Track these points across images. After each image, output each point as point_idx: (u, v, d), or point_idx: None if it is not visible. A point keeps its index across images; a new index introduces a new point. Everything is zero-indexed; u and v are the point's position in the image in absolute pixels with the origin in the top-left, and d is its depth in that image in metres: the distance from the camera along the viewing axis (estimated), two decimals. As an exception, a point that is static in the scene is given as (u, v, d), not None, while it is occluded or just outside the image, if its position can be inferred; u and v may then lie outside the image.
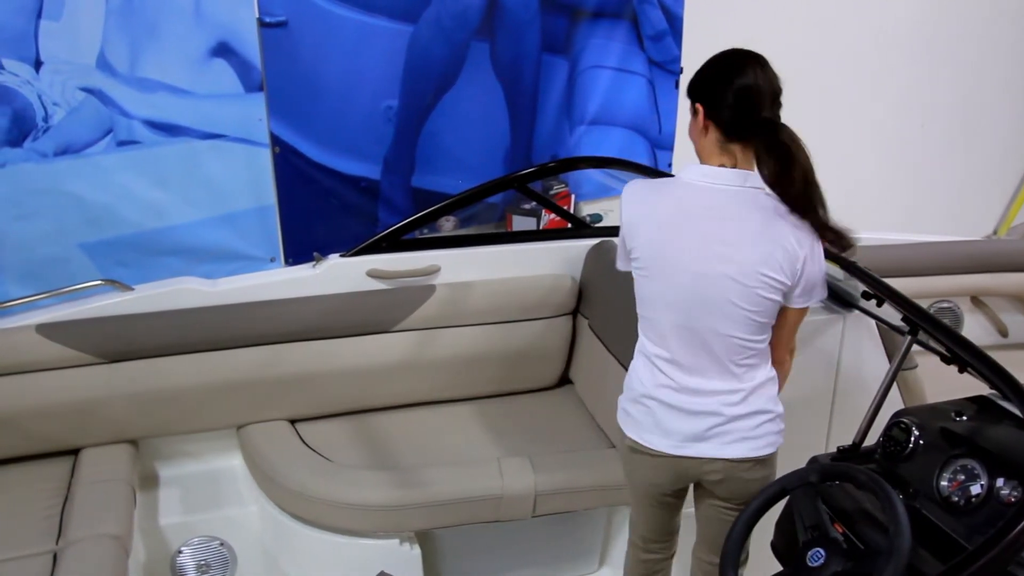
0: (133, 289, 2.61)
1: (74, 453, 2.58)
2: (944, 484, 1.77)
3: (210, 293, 2.62)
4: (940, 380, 2.21)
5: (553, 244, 2.93)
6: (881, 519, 1.78)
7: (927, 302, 3.29)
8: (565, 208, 3.56)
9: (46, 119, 2.87)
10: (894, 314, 2.19)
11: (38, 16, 2.77)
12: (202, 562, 2.69)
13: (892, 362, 2.16)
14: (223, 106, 3.09)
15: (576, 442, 2.69)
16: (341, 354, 2.69)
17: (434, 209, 2.82)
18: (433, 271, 2.79)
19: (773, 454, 1.95)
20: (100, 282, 2.63)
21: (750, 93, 1.76)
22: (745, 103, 1.77)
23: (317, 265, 2.74)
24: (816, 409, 2.51)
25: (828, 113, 4.16)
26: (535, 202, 3.41)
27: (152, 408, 2.58)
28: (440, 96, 3.49)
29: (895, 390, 2.36)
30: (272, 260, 3.33)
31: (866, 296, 2.25)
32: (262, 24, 3.05)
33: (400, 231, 2.79)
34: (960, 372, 2.01)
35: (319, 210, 3.38)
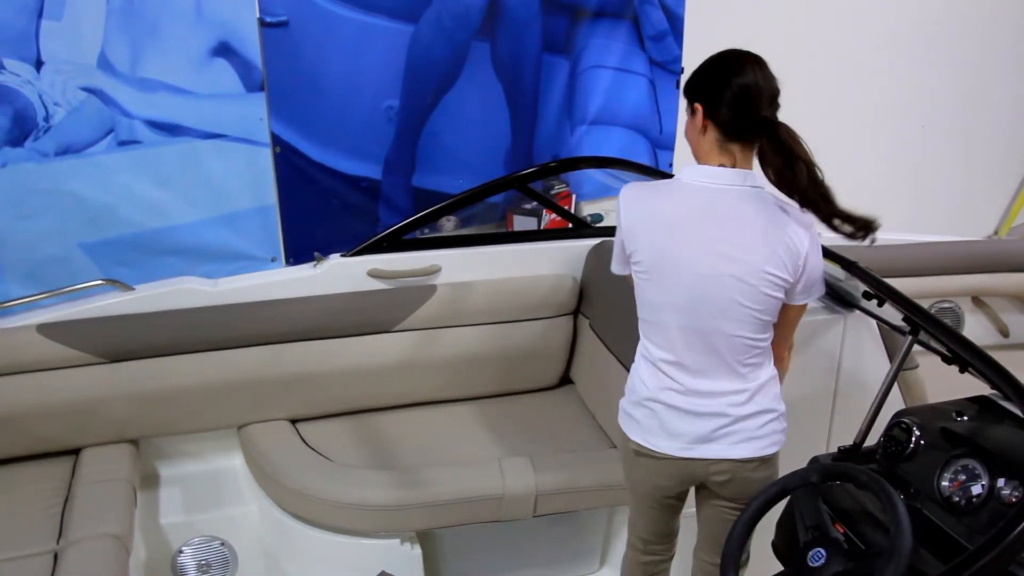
0: (134, 289, 2.61)
1: (75, 453, 2.58)
2: (945, 484, 1.76)
3: (211, 293, 2.62)
4: (941, 380, 2.21)
5: (554, 244, 2.93)
6: (882, 519, 1.78)
7: (928, 302, 3.28)
8: (566, 208, 3.56)
9: (47, 119, 2.87)
10: (895, 314, 2.18)
11: (39, 16, 2.77)
12: (203, 562, 2.69)
13: (893, 362, 2.16)
14: (224, 106, 3.09)
15: (577, 442, 2.69)
16: (342, 354, 2.69)
17: (435, 209, 2.82)
18: (434, 271, 2.79)
19: (776, 453, 1.95)
20: (101, 282, 2.63)
21: (749, 92, 1.76)
22: (745, 102, 1.76)
23: (318, 265, 2.74)
24: (817, 409, 2.51)
25: (829, 113, 4.16)
26: (536, 202, 3.41)
27: (153, 408, 2.58)
28: (441, 96, 3.49)
29: (896, 390, 2.36)
30: (273, 260, 3.33)
31: (867, 296, 2.25)
32: (263, 24, 3.05)
33: (401, 231, 2.79)
34: (961, 372, 2.01)
35: (320, 210, 3.38)
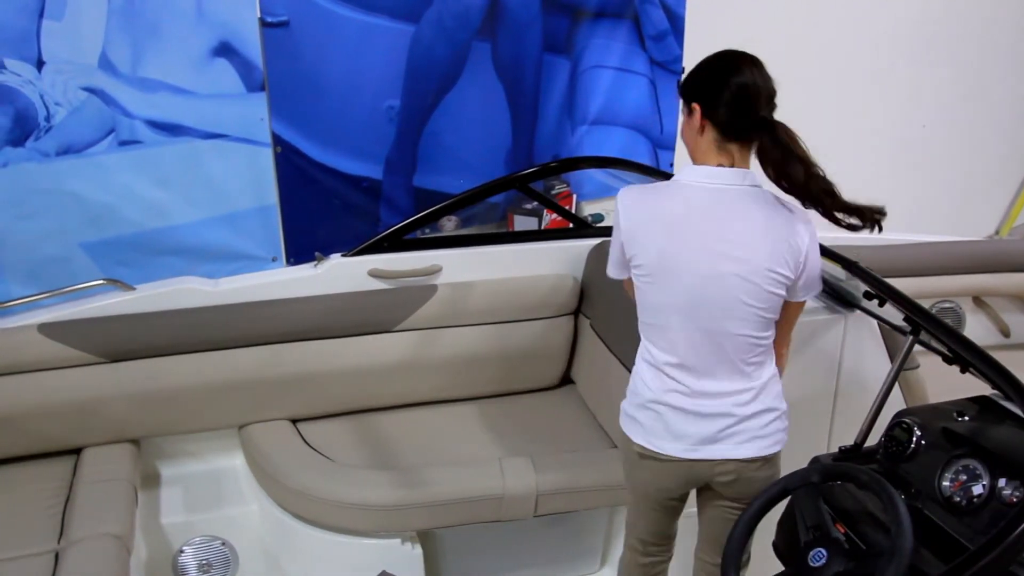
0: (135, 289, 2.61)
1: (76, 452, 2.58)
2: (946, 484, 1.76)
3: (212, 293, 2.62)
4: (942, 380, 2.21)
5: (555, 244, 2.92)
6: (883, 519, 1.78)
7: (929, 302, 3.28)
8: (567, 208, 3.56)
9: (48, 119, 2.87)
10: (896, 314, 2.18)
11: (40, 16, 2.77)
12: (204, 561, 2.69)
13: (894, 362, 2.16)
14: (225, 106, 3.09)
15: (578, 442, 2.69)
16: (343, 354, 2.69)
17: (436, 209, 2.82)
18: (435, 271, 2.79)
19: (779, 452, 1.96)
20: (102, 282, 2.64)
21: (748, 92, 1.77)
22: (743, 102, 1.77)
23: (319, 265, 2.74)
24: (818, 409, 2.50)
25: (830, 113, 4.16)
26: (537, 202, 3.41)
27: (154, 408, 2.58)
28: (442, 96, 3.49)
29: (897, 390, 2.36)
30: (274, 260, 3.33)
31: (868, 296, 2.25)
32: (264, 24, 3.05)
33: (402, 231, 2.79)
34: (962, 372, 2.01)
35: (321, 210, 3.38)
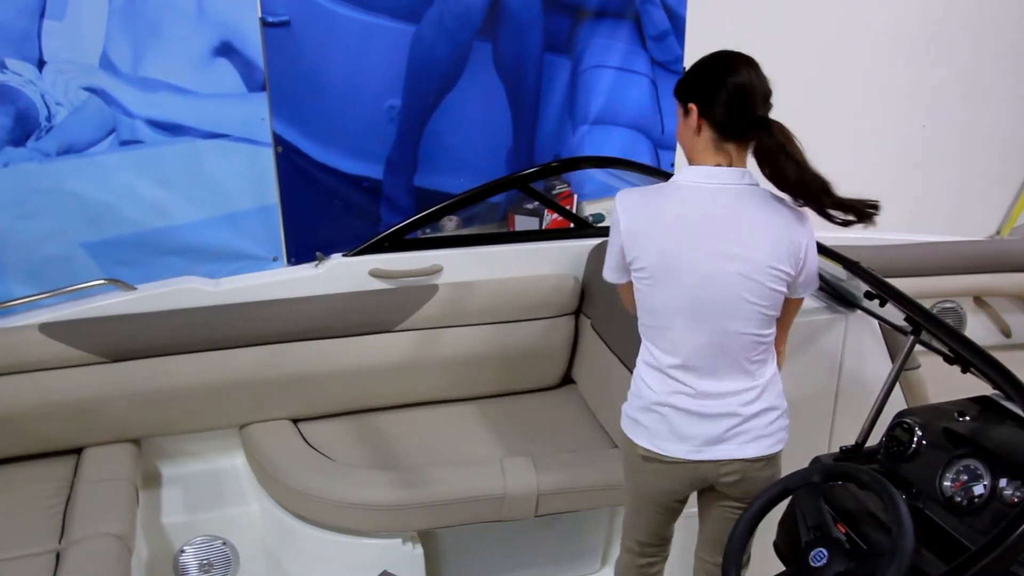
0: (136, 288, 2.61)
1: (77, 452, 2.59)
2: (947, 484, 1.76)
3: (213, 293, 2.63)
4: (943, 380, 2.21)
5: (555, 244, 2.93)
6: (884, 519, 1.78)
7: (930, 302, 3.28)
8: (568, 208, 3.56)
9: (49, 119, 2.87)
10: (897, 314, 2.18)
11: (41, 16, 2.77)
12: (204, 561, 2.69)
13: (895, 362, 2.16)
14: (226, 106, 3.09)
15: (578, 442, 2.69)
16: (343, 354, 2.69)
17: (436, 209, 2.83)
18: (435, 271, 2.79)
19: (780, 452, 1.96)
20: (103, 281, 2.64)
21: (744, 92, 1.78)
22: (740, 102, 1.78)
23: (319, 265, 2.74)
24: (819, 409, 2.50)
25: (830, 113, 4.16)
26: (537, 202, 3.41)
27: (155, 407, 2.58)
28: (443, 96, 3.49)
29: (898, 390, 2.36)
30: (275, 260, 3.33)
31: (869, 296, 2.25)
32: (265, 24, 3.05)
33: (402, 231, 2.79)
34: (963, 372, 2.01)
35: (321, 210, 3.38)
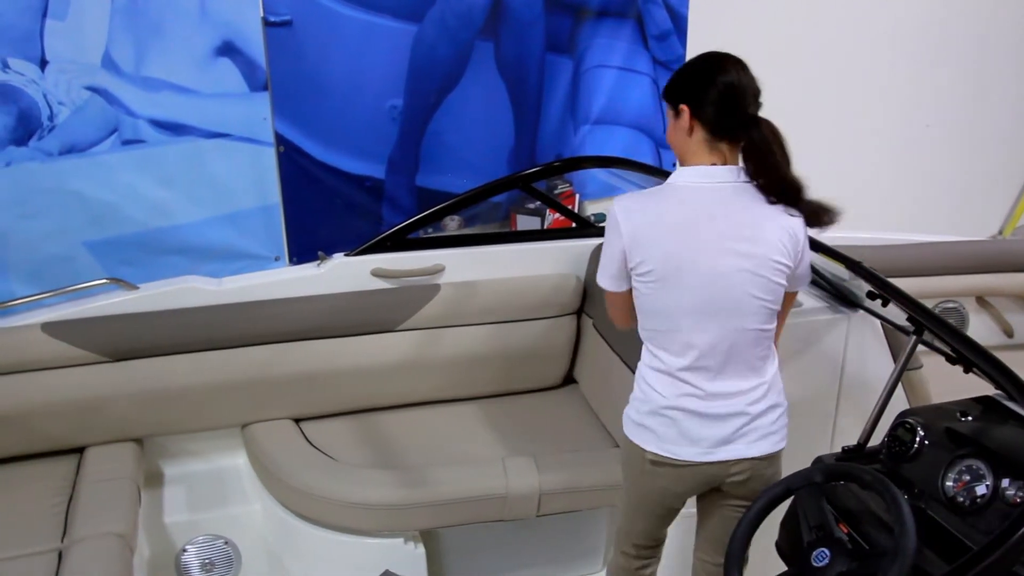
0: (138, 288, 2.61)
1: (79, 451, 2.59)
2: (949, 484, 1.76)
3: (215, 292, 2.63)
4: (945, 380, 2.21)
5: (557, 244, 2.92)
6: (886, 519, 1.77)
7: (932, 302, 3.27)
8: (569, 208, 3.56)
9: (51, 118, 2.87)
10: (899, 314, 2.18)
11: (43, 15, 2.77)
12: (206, 560, 2.70)
13: (897, 362, 2.16)
14: (228, 105, 3.09)
15: (580, 442, 2.68)
16: (345, 353, 2.69)
17: (438, 208, 2.82)
18: (437, 270, 2.79)
19: (782, 450, 1.96)
20: (105, 281, 2.64)
21: (735, 91, 1.79)
22: (731, 100, 1.79)
23: (321, 264, 2.74)
24: (821, 409, 2.50)
25: (832, 113, 4.16)
26: (539, 202, 3.41)
27: (157, 407, 2.58)
28: (444, 95, 3.50)
29: (900, 390, 2.35)
30: (276, 259, 3.34)
31: (871, 296, 2.24)
32: (267, 23, 3.05)
33: (404, 230, 2.79)
34: (965, 372, 2.01)
35: (323, 209, 3.38)
